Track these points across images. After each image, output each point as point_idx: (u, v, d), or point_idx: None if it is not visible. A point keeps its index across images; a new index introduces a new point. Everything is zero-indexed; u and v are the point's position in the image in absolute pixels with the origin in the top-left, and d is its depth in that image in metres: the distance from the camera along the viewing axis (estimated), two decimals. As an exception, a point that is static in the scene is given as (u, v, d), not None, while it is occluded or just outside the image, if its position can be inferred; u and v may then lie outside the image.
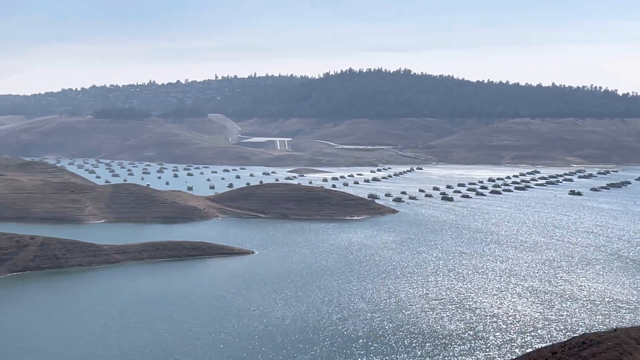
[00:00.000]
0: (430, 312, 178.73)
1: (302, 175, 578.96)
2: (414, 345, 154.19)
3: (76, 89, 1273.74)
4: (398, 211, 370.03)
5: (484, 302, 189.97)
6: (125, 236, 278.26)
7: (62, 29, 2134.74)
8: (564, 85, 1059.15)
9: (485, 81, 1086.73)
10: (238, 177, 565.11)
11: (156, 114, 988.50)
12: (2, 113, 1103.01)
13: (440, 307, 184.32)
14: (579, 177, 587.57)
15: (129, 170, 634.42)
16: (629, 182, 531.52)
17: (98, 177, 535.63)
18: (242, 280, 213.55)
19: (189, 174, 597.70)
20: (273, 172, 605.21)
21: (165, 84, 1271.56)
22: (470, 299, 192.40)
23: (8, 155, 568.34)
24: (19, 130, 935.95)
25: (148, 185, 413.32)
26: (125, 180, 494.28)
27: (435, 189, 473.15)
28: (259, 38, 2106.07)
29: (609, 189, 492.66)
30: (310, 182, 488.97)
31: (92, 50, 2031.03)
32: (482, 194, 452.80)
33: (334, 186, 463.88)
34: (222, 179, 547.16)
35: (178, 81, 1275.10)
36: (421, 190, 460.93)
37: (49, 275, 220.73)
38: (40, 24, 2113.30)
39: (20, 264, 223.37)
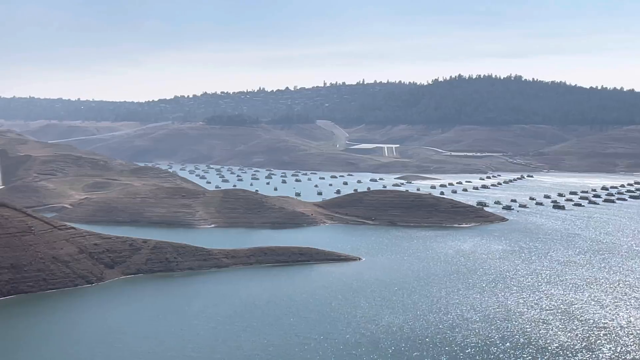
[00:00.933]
0: (541, 323, 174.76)
1: (410, 182, 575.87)
2: (524, 356, 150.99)
3: (188, 96, 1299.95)
4: (508, 219, 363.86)
5: (597, 313, 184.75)
6: (235, 241, 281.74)
7: (175, 37, 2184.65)
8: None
9: (599, 87, 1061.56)
10: (345, 183, 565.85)
11: (265, 120, 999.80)
12: (118, 119, 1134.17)
13: (551, 317, 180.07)
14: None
15: (238, 176, 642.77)
16: None
17: (208, 182, 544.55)
18: (349, 286, 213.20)
19: (297, 180, 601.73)
20: (380, 179, 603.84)
21: (274, 90, 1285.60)
22: (583, 310, 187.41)
23: (122, 161, 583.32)
24: (133, 136, 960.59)
25: (257, 190, 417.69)
26: (234, 185, 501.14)
27: (547, 197, 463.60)
28: (368, 45, 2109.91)
29: None
30: (418, 189, 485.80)
31: (203, 58, 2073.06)
32: (595, 203, 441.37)
33: (442, 193, 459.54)
34: (330, 185, 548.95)
35: (287, 88, 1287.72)
36: (532, 198, 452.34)
37: (161, 278, 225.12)
38: (154, 32, 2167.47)
39: (133, 266, 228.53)
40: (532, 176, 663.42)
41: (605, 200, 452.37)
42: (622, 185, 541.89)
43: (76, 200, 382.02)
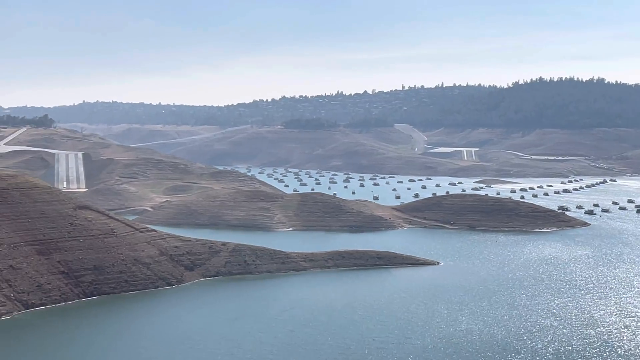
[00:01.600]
0: (625, 331, 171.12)
1: (490, 186, 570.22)
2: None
3: (267, 100, 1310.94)
4: (590, 224, 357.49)
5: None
6: (312, 244, 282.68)
7: (255, 42, 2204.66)
8: None
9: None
10: (424, 187, 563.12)
11: (343, 124, 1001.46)
12: (198, 123, 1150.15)
13: (634, 325, 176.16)
14: None
15: (316, 179, 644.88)
16: None
17: (287, 185, 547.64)
18: (427, 291, 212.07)
19: (375, 184, 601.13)
20: (459, 183, 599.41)
21: (352, 94, 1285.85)
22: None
23: (202, 164, 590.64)
24: (213, 140, 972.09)
25: (335, 194, 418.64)
26: (312, 189, 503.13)
27: (630, 201, 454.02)
28: (448, 48, 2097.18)
29: None
30: (497, 193, 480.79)
31: (282, 62, 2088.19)
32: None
33: (522, 197, 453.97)
34: (408, 189, 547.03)
35: (365, 91, 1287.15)
36: (615, 203, 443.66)
37: (239, 281, 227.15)
38: (234, 37, 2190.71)
39: (213, 269, 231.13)
40: (615, 180, 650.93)
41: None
42: None
43: (157, 203, 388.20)
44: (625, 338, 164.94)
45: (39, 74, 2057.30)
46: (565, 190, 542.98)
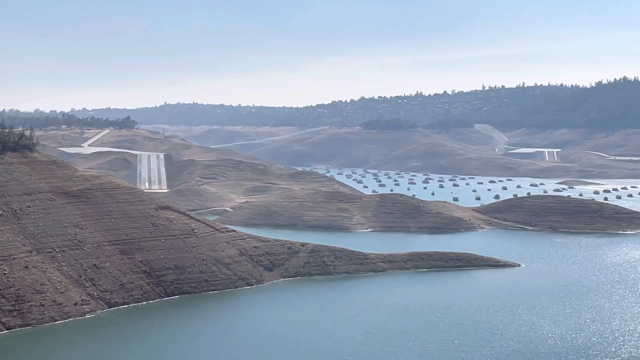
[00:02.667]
0: None
1: (572, 187, 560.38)
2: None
3: (346, 101, 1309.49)
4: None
5: None
6: (391, 245, 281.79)
7: (334, 43, 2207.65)
8: None
9: None
10: (504, 188, 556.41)
11: (422, 124, 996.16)
12: (277, 124, 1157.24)
13: None
14: None
15: (395, 180, 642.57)
16: None
17: (365, 186, 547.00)
18: (508, 293, 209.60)
19: (454, 185, 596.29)
20: (541, 184, 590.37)
21: (431, 95, 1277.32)
22: None
23: (281, 165, 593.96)
24: (292, 141, 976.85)
25: (414, 195, 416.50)
26: (391, 190, 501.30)
27: None
28: (529, 47, 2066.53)
29: None
30: (580, 195, 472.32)
31: (361, 63, 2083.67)
32: None
33: (605, 199, 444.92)
34: (488, 190, 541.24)
35: (445, 92, 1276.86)
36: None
37: (318, 282, 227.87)
38: (314, 38, 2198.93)
39: (292, 269, 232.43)
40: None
41: None
42: None
43: (237, 203, 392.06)
44: None
45: (121, 77, 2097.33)
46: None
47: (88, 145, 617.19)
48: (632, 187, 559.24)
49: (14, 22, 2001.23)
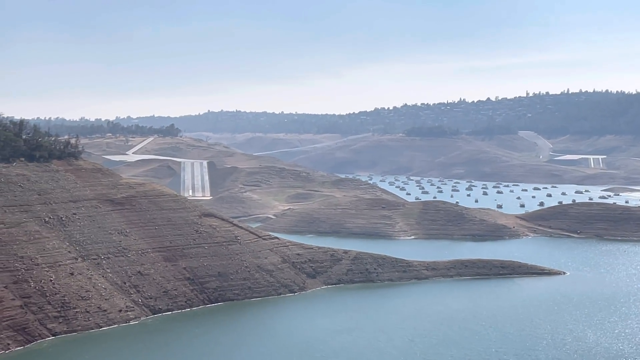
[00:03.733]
0: None
1: (618, 194, 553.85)
2: None
3: (388, 108, 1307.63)
4: None
5: None
6: (434, 253, 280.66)
7: (377, 49, 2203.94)
8: None
9: None
10: (549, 195, 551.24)
11: (465, 131, 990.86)
12: (319, 132, 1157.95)
13: None
14: None
15: (438, 187, 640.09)
16: None
17: (408, 194, 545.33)
18: (553, 301, 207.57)
19: (498, 192, 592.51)
20: (586, 191, 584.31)
21: (475, 101, 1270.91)
22: None
23: (324, 172, 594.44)
24: (334, 148, 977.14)
25: (457, 202, 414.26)
26: (434, 197, 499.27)
27: None
28: (573, 54, 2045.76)
29: None
30: (626, 202, 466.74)
31: (404, 70, 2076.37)
32: None
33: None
34: (533, 197, 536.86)
35: (488, 98, 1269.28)
36: None
37: (361, 289, 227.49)
38: (357, 45, 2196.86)
39: (334, 276, 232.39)
40: None
41: None
42: None
43: (279, 210, 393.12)
44: None
45: (165, 84, 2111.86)
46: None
47: (132, 153, 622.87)
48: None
49: (59, 29, 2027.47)
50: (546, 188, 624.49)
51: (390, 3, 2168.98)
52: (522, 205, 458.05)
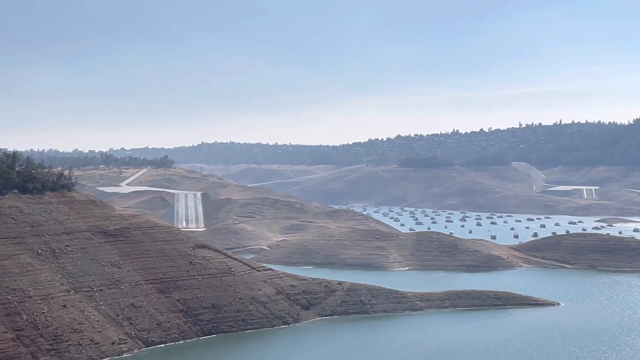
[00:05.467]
0: None
1: (611, 225, 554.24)
2: None
3: (382, 139, 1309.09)
4: None
5: None
6: (429, 284, 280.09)
7: (372, 82, 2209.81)
8: None
9: None
10: (543, 226, 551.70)
11: (459, 162, 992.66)
12: (313, 163, 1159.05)
13: None
14: None
15: (432, 218, 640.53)
16: None
17: (402, 225, 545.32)
18: (547, 333, 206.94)
19: (492, 223, 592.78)
20: (579, 222, 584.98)
21: (468, 132, 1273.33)
22: None
23: (318, 204, 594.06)
24: (328, 179, 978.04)
25: (451, 233, 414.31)
26: (428, 228, 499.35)
27: None
28: (565, 85, 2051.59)
29: None
30: (620, 232, 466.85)
31: (398, 102, 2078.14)
32: None
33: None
34: (526, 227, 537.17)
35: (481, 129, 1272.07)
36: None
37: (355, 320, 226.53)
38: (350, 77, 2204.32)
39: (329, 308, 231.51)
40: None
41: None
42: None
43: (273, 242, 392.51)
44: None
45: (159, 116, 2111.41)
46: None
47: (126, 185, 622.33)
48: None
49: (51, 61, 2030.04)
50: (540, 219, 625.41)
51: (384, 35, 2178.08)
52: (516, 236, 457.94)
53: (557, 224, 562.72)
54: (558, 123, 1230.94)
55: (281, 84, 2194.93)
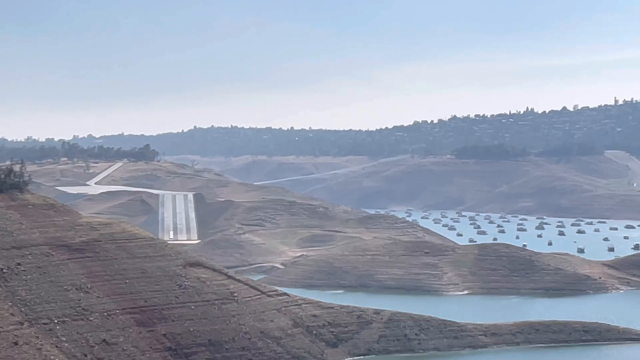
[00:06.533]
0: None
1: None
2: None
3: (432, 121, 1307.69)
4: None
5: None
6: (495, 313, 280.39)
7: (416, 46, 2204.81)
8: None
9: None
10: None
11: (535, 152, 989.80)
12: (341, 153, 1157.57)
13: None
14: None
15: (499, 225, 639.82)
16: None
17: (459, 234, 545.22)
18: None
19: (579, 232, 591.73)
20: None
21: (547, 112, 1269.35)
22: None
23: (347, 207, 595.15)
24: (361, 175, 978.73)
25: (524, 245, 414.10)
26: (494, 239, 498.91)
27: None
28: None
29: None
30: None
31: (453, 71, 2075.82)
32: None
33: None
34: (625, 237, 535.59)
35: (564, 108, 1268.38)
36: None
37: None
38: (388, 40, 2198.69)
39: (363, 345, 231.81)
40: None
41: None
42: None
43: (289, 258, 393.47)
44: None
45: (138, 94, 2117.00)
46: None
47: (95, 184, 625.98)
48: None
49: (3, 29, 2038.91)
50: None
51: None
52: (611, 249, 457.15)
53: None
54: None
55: (299, 49, 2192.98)
